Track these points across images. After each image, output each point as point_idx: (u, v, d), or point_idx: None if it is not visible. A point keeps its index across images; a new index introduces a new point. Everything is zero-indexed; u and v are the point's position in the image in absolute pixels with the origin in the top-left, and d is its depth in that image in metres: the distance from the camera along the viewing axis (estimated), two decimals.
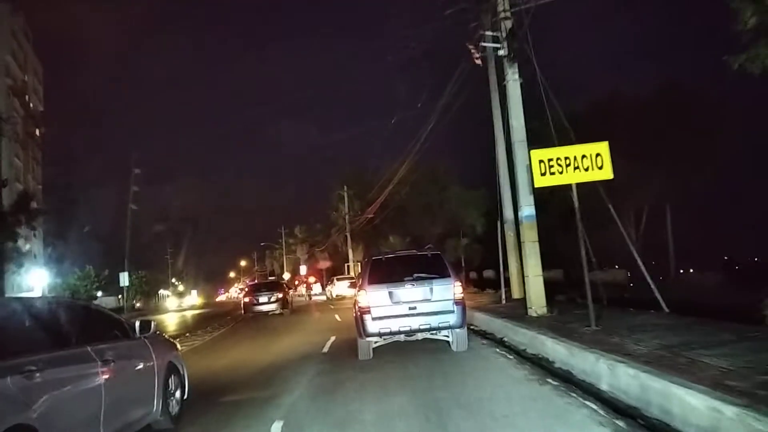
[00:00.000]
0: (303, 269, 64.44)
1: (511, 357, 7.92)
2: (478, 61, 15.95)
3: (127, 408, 4.72)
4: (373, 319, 8.27)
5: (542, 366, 7.17)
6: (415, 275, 8.48)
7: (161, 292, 72.16)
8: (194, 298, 79.71)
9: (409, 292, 8.37)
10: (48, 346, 3.94)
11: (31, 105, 63.50)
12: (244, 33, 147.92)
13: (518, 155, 11.26)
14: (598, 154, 8.66)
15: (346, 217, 46.41)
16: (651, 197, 30.84)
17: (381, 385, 6.78)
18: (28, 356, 3.63)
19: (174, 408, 5.74)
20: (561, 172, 8.71)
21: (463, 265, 31.98)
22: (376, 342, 8.67)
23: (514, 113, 11.37)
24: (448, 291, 8.36)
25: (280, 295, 22.53)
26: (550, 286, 17.21)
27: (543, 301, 10.91)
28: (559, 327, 8.90)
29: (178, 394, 5.91)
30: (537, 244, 11.02)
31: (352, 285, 28.96)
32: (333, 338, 11.87)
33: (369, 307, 8.33)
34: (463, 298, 8.54)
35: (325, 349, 10.38)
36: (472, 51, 15.94)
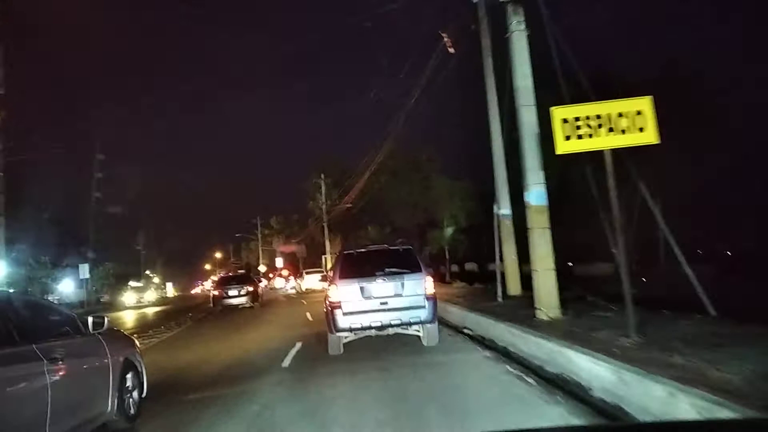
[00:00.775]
0: (279, 261, 62.08)
1: (530, 381, 5.86)
2: (452, 50, 14.35)
3: (78, 408, 4.44)
4: (344, 314, 8.12)
5: (579, 397, 5.14)
6: (387, 270, 8.35)
7: (131, 284, 68.87)
8: (170, 291, 76.72)
9: (381, 287, 8.24)
10: None
11: None
12: (218, 9, 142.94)
13: (525, 123, 9.21)
14: (638, 112, 6.68)
15: (323, 206, 44.07)
16: (643, 185, 29.24)
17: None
18: None
19: (131, 407, 5.43)
20: (591, 135, 6.71)
21: (447, 257, 30.11)
22: (347, 337, 8.49)
23: (519, 71, 9.31)
24: (419, 286, 8.25)
25: (251, 289, 21.66)
26: None
27: (556, 300, 8.93)
28: (585, 336, 6.91)
29: (135, 392, 5.60)
30: (548, 232, 9.02)
31: (323, 278, 28.57)
32: (299, 345, 9.74)
33: (340, 302, 8.17)
34: (434, 293, 8.39)
35: (286, 363, 8.22)
36: (445, 38, 14.46)
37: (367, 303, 8.13)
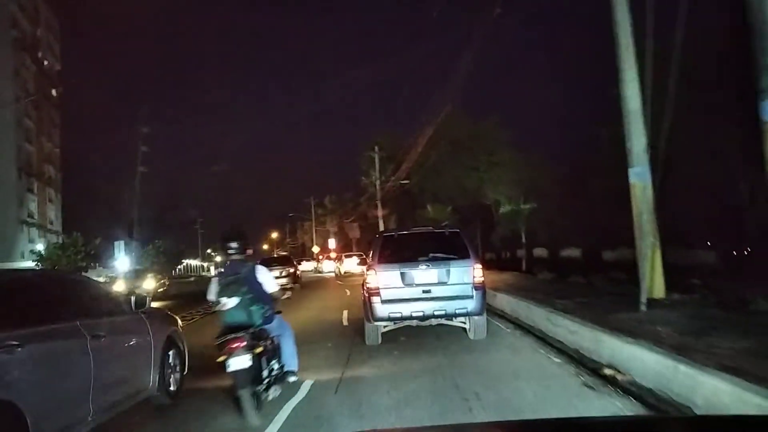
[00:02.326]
0: (332, 242, 59.12)
1: None
2: None
3: (120, 383, 4.57)
4: (383, 302, 7.59)
5: None
6: (431, 255, 7.81)
7: (187, 262, 67.43)
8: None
9: (424, 273, 7.70)
10: (33, 321, 3.73)
11: (46, 62, 58.87)
12: None
13: None
14: None
15: (377, 182, 39.65)
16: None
17: None
18: (10, 331, 3.48)
19: (172, 383, 5.51)
20: None
21: (523, 240, 25.23)
22: (385, 327, 7.95)
23: None
24: (466, 274, 7.62)
25: (291, 270, 22.02)
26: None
27: None
28: None
29: (177, 369, 5.69)
30: None
31: (361, 262, 27.75)
32: (308, 385, 5.47)
33: (378, 289, 7.65)
34: (483, 282, 7.66)
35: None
36: None
37: (408, 291, 7.63)
